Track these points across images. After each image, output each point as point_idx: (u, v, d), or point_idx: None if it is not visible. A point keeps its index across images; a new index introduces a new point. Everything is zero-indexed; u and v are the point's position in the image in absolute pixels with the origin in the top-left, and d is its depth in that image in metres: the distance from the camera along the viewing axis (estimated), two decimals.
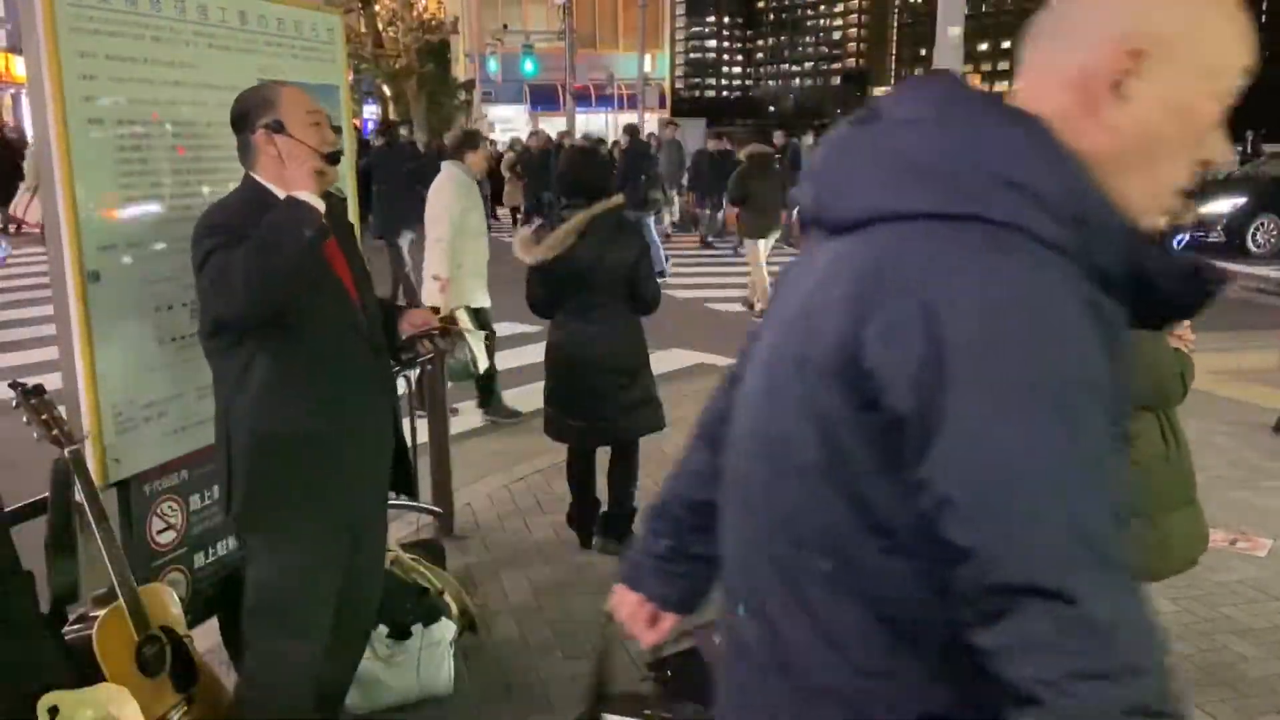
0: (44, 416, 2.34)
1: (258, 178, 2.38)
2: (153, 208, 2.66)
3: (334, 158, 2.42)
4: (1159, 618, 0.98)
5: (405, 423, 4.13)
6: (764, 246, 10.46)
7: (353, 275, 2.51)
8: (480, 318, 5.84)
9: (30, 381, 2.40)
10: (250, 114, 2.37)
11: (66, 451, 2.35)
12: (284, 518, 2.41)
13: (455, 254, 5.74)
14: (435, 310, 4.97)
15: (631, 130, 15.34)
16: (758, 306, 10.39)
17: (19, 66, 21.33)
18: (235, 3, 2.92)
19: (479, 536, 4.45)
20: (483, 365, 5.91)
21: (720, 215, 15.54)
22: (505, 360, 7.50)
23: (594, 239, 3.98)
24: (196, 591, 2.89)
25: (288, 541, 2.42)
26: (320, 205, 2.25)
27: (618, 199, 4.17)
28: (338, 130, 3.54)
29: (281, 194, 2.34)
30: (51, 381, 2.47)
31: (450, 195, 5.78)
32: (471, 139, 6.11)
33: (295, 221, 2.21)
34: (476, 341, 5.80)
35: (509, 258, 4.28)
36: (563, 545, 4.35)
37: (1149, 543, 2.84)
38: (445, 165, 5.97)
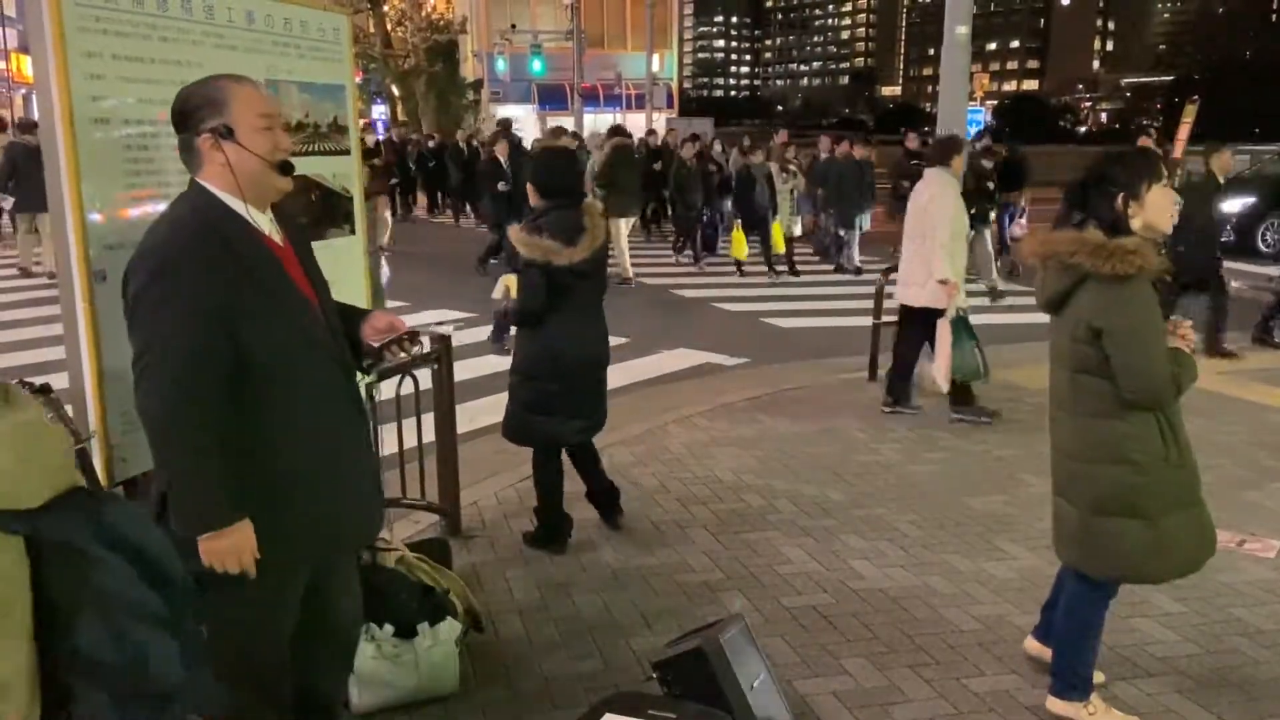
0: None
1: (207, 185, 2.15)
2: (160, 207, 2.65)
3: (285, 167, 2.20)
4: (1167, 619, 0.98)
5: (410, 423, 4.17)
6: (624, 225, 11.83)
7: (314, 287, 2.31)
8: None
9: (37, 381, 2.40)
10: (194, 114, 2.14)
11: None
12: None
13: (955, 258, 5.97)
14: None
15: (504, 124, 15.21)
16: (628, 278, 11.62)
17: (31, 67, 21.36)
18: (242, 2, 2.92)
19: (485, 535, 4.45)
20: (990, 374, 6.16)
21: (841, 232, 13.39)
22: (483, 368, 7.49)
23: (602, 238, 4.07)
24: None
25: (237, 579, 2.15)
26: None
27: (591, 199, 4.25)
28: (342, 131, 3.54)
29: (235, 204, 2.14)
30: (58, 381, 2.49)
31: (952, 201, 6.00)
32: (957, 144, 6.32)
33: (194, 519, 2.08)
34: (980, 347, 6.00)
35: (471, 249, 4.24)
36: (568, 544, 4.34)
37: (1146, 542, 2.80)
38: (935, 171, 6.16)
